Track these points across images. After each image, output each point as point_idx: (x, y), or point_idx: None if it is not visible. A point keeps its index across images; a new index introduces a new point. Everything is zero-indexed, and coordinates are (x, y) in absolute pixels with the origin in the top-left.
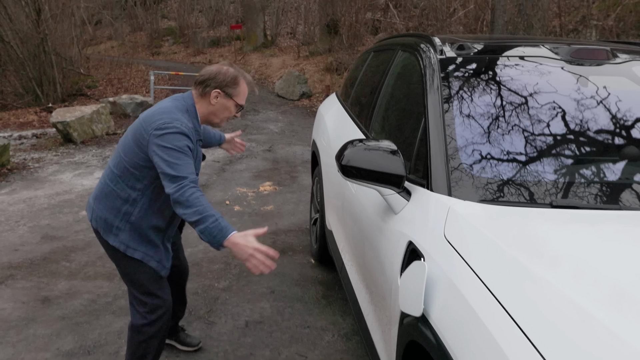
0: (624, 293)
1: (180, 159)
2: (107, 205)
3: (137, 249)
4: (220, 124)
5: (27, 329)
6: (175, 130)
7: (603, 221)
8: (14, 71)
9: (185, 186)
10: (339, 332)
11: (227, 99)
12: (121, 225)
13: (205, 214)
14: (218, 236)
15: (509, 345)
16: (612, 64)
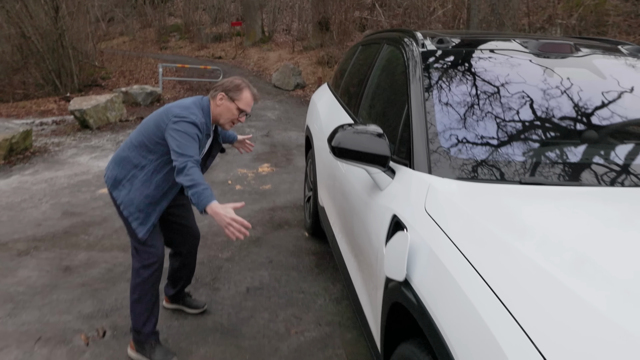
0: (585, 259)
1: (189, 142)
2: (120, 167)
3: (127, 209)
4: (225, 126)
5: (51, 294)
6: (189, 120)
7: (566, 196)
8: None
9: (189, 162)
10: (330, 297)
11: (230, 102)
12: (126, 184)
13: (197, 182)
14: (203, 201)
15: (482, 303)
16: (575, 57)
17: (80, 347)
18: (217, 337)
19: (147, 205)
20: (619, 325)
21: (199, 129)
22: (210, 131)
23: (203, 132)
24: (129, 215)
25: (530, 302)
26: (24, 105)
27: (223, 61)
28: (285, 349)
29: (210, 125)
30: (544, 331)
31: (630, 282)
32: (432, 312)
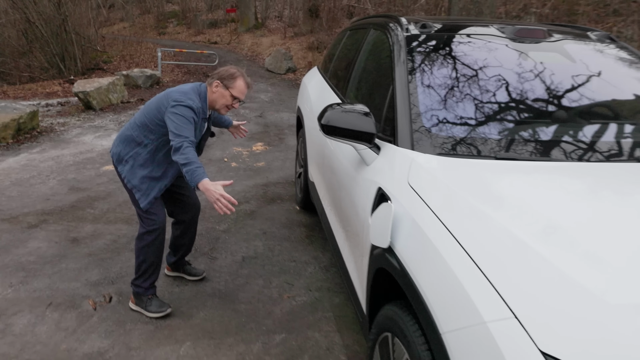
0: (554, 226)
1: (185, 124)
2: (125, 144)
3: (131, 181)
4: (221, 111)
5: (60, 263)
6: (186, 105)
7: (537, 171)
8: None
9: (185, 142)
10: (319, 265)
11: (224, 89)
12: (129, 160)
13: (192, 160)
14: (196, 178)
15: (459, 267)
16: (547, 42)
17: (88, 312)
18: (216, 301)
19: (149, 180)
20: (580, 283)
21: (195, 113)
22: (206, 115)
23: (199, 116)
24: (132, 187)
25: (503, 264)
26: (30, 88)
27: (218, 46)
28: (278, 312)
29: (207, 110)
30: (515, 290)
31: (593, 246)
32: (413, 276)
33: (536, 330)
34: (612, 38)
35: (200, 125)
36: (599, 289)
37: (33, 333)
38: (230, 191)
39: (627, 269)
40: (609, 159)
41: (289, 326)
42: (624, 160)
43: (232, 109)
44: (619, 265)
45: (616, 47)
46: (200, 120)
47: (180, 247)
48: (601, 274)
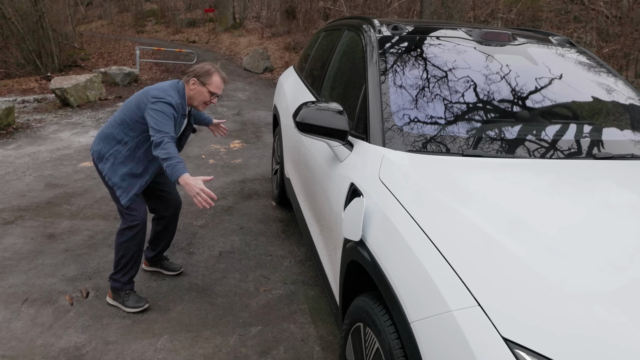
0: (517, 220)
1: (165, 120)
2: (105, 142)
3: (112, 179)
4: (199, 107)
5: (36, 259)
6: (166, 101)
7: (502, 167)
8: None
9: (165, 137)
10: (295, 259)
11: (201, 86)
12: (110, 158)
13: (172, 155)
14: (177, 172)
15: (427, 259)
16: (512, 45)
17: (65, 307)
18: (193, 295)
19: (129, 177)
20: (541, 274)
21: (175, 109)
22: (185, 111)
23: (179, 112)
24: (113, 185)
25: (468, 256)
26: (5, 84)
27: (197, 45)
28: (254, 305)
29: (186, 106)
30: (479, 281)
31: (554, 239)
32: (384, 268)
33: (499, 317)
34: (572, 43)
35: (180, 122)
36: (558, 278)
37: (8, 329)
38: (208, 187)
39: (585, 259)
40: (569, 157)
41: (265, 318)
42: (582, 157)
43: (211, 104)
44: (577, 256)
45: (575, 51)
46: (179, 116)
47: (160, 242)
48: (560, 264)
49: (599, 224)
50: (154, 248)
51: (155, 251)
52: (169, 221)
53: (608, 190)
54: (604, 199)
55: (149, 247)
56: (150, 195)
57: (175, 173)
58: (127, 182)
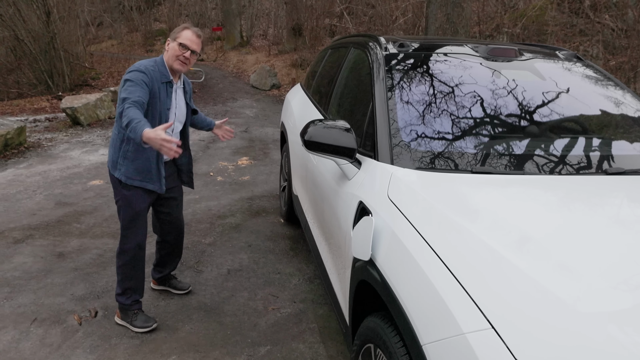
0: (528, 238)
1: (132, 87)
2: (114, 148)
3: (135, 177)
4: (178, 67)
5: (46, 278)
6: (134, 69)
7: (512, 184)
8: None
9: (126, 103)
10: (303, 277)
11: (172, 42)
12: (122, 162)
13: (132, 118)
14: (138, 133)
15: (437, 279)
16: (519, 60)
17: (73, 327)
18: (201, 314)
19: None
20: (554, 293)
21: (146, 74)
22: (169, 78)
23: (156, 80)
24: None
25: (480, 276)
26: (18, 104)
27: (205, 63)
28: (263, 324)
29: (168, 73)
30: (491, 301)
31: (566, 257)
32: (394, 288)
33: (513, 340)
34: (579, 57)
35: (166, 91)
36: (571, 298)
37: (17, 349)
38: (216, 205)
39: (597, 278)
40: (579, 172)
41: (273, 338)
42: (592, 172)
43: (186, 61)
44: (589, 274)
45: (583, 65)
46: (160, 84)
47: (166, 266)
48: (573, 283)
49: (611, 241)
50: (161, 270)
51: (162, 273)
52: (173, 247)
53: (619, 206)
54: (616, 215)
55: (156, 269)
56: (155, 217)
57: (138, 135)
58: (150, 174)
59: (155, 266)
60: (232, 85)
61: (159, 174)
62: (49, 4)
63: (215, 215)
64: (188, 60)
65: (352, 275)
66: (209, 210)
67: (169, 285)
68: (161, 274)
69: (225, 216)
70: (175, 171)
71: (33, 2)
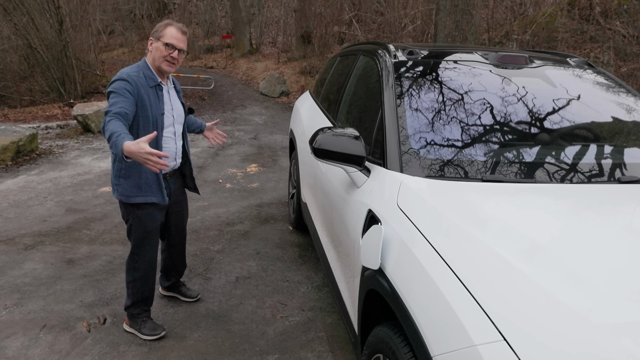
0: (538, 247)
1: (115, 98)
2: (112, 167)
3: (136, 195)
4: (164, 68)
5: (55, 285)
6: (116, 78)
7: (522, 192)
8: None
9: (107, 117)
10: (312, 285)
11: (156, 42)
12: (118, 181)
13: (112, 132)
14: (119, 147)
15: (448, 289)
16: (529, 68)
17: (82, 334)
18: (209, 322)
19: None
20: (566, 304)
21: (129, 82)
22: (157, 82)
23: (142, 86)
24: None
25: (491, 287)
26: (30, 111)
27: (214, 71)
28: (271, 333)
29: (155, 76)
30: (503, 313)
31: (578, 268)
32: (403, 297)
33: (525, 352)
34: (590, 64)
35: (157, 95)
36: (584, 309)
37: (26, 356)
38: (225, 212)
39: (609, 288)
40: (590, 180)
41: (282, 346)
42: (604, 181)
43: (174, 62)
44: (601, 285)
45: (594, 72)
46: (147, 90)
47: (171, 272)
48: (585, 293)
49: (624, 250)
50: (168, 278)
51: (170, 281)
52: (178, 255)
53: (632, 215)
54: (628, 224)
55: (162, 276)
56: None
57: (119, 149)
58: (150, 188)
59: (162, 273)
60: (241, 93)
61: (159, 186)
62: (62, 12)
63: (224, 222)
64: (176, 60)
65: (361, 284)
66: (218, 217)
67: (178, 292)
68: (168, 281)
69: (234, 223)
70: (182, 182)
71: (46, 11)
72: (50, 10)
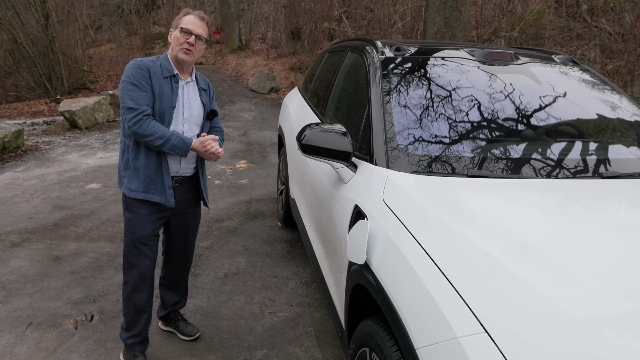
0: (523, 243)
1: (133, 91)
2: (120, 160)
3: (139, 190)
4: (183, 57)
5: (42, 282)
6: (130, 66)
7: (508, 187)
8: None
9: (141, 119)
10: (300, 280)
11: (175, 30)
12: (125, 173)
13: (167, 136)
14: (185, 147)
15: (432, 283)
16: (515, 64)
17: (69, 331)
18: (198, 318)
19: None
20: (549, 298)
21: (144, 70)
22: (173, 73)
23: (156, 75)
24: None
25: (474, 281)
26: (16, 107)
27: (204, 67)
28: (260, 328)
29: (171, 67)
30: (486, 306)
31: (562, 262)
32: (388, 292)
33: (507, 345)
34: (575, 61)
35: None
36: (567, 303)
37: (12, 354)
38: (214, 208)
39: (594, 283)
40: (575, 176)
41: (270, 342)
42: (589, 176)
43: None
44: (585, 279)
45: (579, 69)
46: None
47: (168, 294)
48: (569, 288)
49: (608, 245)
50: (164, 305)
51: (166, 310)
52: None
53: (616, 210)
54: (613, 219)
55: (161, 303)
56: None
57: (185, 147)
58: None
59: (160, 299)
60: (230, 89)
61: (163, 184)
62: (48, 7)
63: (212, 218)
64: (193, 47)
65: (348, 279)
66: (207, 213)
67: (175, 327)
68: (165, 310)
69: (222, 220)
70: (194, 194)
71: (32, 5)
72: (36, 5)
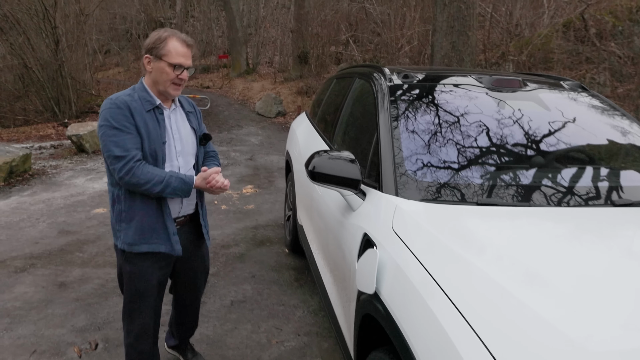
0: (534, 273)
1: (115, 136)
2: (111, 212)
3: (141, 243)
4: (170, 92)
5: (46, 309)
6: (107, 106)
7: (518, 216)
8: (36, 92)
9: (133, 167)
10: (308, 309)
11: (157, 61)
12: (120, 227)
13: (165, 179)
14: (187, 187)
15: (443, 314)
16: (523, 91)
17: (73, 359)
18: (203, 347)
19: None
20: (562, 331)
21: (126, 107)
22: (156, 104)
23: (137, 111)
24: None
25: (486, 312)
26: (24, 131)
27: (211, 90)
28: (266, 358)
29: (152, 98)
30: (498, 339)
31: (575, 293)
32: (399, 322)
33: None
34: (584, 87)
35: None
36: (580, 336)
37: None
38: (220, 234)
39: (608, 315)
40: (587, 203)
41: None
42: (601, 205)
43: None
44: (599, 311)
45: (587, 95)
46: (144, 115)
47: (178, 327)
48: (582, 320)
49: (621, 275)
50: (174, 335)
51: (175, 339)
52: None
53: (631, 239)
54: (627, 248)
55: (169, 331)
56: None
57: (188, 187)
58: (157, 235)
59: (169, 327)
60: (237, 113)
61: (167, 231)
62: (59, 32)
63: (219, 244)
64: (184, 81)
65: (357, 308)
66: (213, 239)
67: (182, 354)
68: (173, 340)
69: (229, 246)
70: (196, 234)
71: (42, 30)
72: (47, 30)
